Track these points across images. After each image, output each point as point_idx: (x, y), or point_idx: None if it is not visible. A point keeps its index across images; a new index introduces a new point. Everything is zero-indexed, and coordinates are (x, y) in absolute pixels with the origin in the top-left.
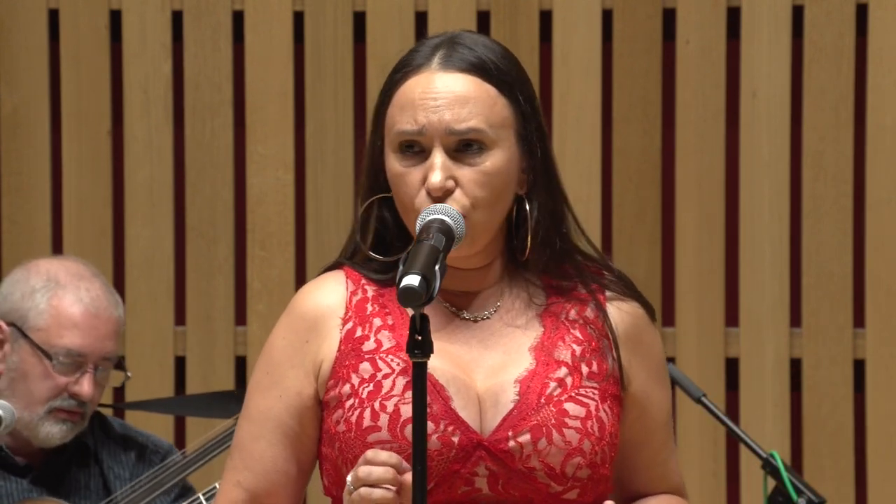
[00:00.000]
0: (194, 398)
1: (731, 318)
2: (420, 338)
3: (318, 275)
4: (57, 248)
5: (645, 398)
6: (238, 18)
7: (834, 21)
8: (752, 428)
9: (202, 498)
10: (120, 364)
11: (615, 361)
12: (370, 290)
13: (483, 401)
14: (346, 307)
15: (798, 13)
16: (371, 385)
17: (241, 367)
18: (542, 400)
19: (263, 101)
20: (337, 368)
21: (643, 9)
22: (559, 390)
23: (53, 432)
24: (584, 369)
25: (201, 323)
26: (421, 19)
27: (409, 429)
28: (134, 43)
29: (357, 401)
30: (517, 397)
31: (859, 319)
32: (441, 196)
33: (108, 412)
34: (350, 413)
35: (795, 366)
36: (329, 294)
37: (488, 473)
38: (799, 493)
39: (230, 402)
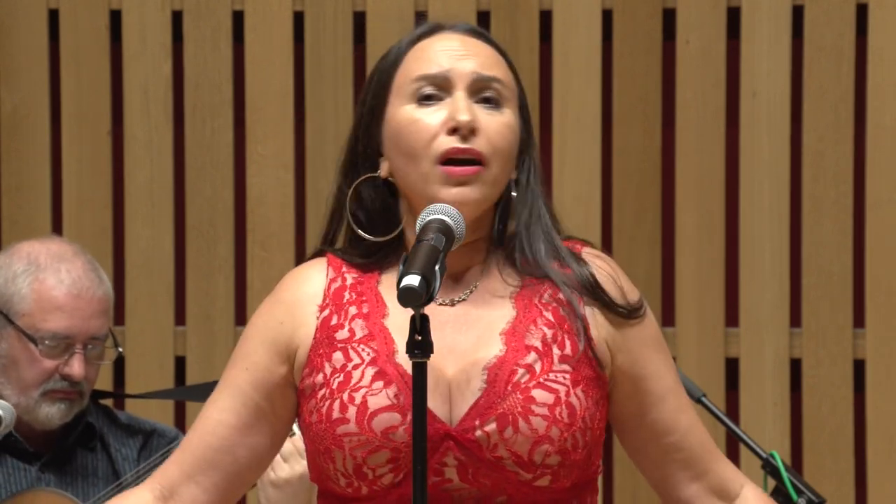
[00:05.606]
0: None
1: (731, 318)
2: (420, 338)
3: (304, 262)
4: None
5: (639, 369)
6: (238, 18)
7: (834, 21)
8: (752, 428)
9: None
10: (113, 340)
11: (586, 342)
12: (349, 278)
13: (453, 388)
14: (325, 295)
15: (798, 13)
16: (341, 375)
17: None
18: (510, 388)
19: (263, 101)
20: (312, 357)
21: (643, 9)
22: (527, 377)
23: (52, 413)
24: (556, 352)
25: (201, 323)
26: (421, 19)
27: (376, 420)
28: (134, 43)
29: (328, 391)
30: (485, 385)
31: (859, 319)
32: (468, 134)
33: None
34: (321, 403)
35: (795, 366)
36: (309, 281)
37: (457, 463)
38: (799, 493)
39: None
